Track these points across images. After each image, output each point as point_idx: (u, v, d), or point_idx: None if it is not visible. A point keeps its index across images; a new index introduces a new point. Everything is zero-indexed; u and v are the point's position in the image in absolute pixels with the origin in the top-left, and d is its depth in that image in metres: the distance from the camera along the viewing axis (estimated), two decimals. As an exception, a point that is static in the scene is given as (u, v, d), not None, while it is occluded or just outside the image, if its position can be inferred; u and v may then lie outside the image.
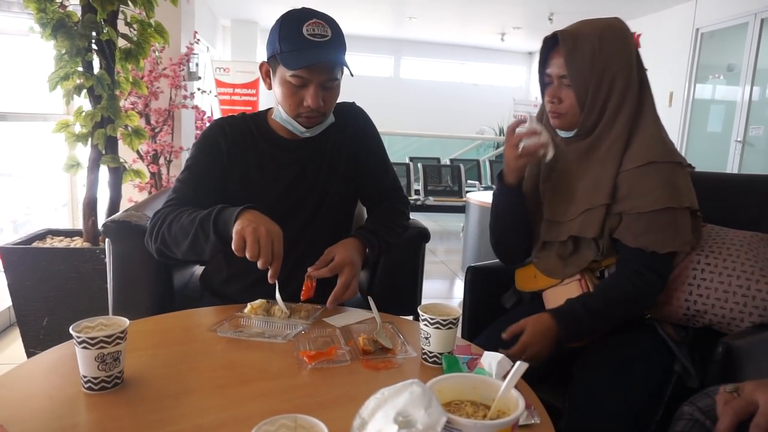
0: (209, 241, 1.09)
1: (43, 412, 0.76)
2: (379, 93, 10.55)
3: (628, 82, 1.14)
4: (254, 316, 1.10)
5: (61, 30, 2.08)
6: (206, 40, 7.16)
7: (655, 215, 1.11)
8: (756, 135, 5.36)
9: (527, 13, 8.03)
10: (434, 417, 0.53)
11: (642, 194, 1.12)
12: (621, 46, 1.14)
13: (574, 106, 1.16)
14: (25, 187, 3.27)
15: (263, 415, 0.58)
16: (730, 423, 0.73)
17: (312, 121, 1.25)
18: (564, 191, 1.23)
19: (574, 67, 1.12)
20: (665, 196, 1.11)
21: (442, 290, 3.85)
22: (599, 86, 1.13)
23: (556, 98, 1.17)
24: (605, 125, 1.16)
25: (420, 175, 5.70)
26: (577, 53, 1.12)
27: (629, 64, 1.14)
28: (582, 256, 1.21)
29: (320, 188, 1.35)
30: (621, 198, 1.15)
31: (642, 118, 1.17)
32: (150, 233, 1.20)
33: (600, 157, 1.17)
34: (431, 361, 0.94)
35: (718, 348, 1.03)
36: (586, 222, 1.17)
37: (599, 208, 1.15)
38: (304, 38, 1.15)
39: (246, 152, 1.32)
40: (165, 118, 3.31)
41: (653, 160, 1.12)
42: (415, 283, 1.62)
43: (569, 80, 1.14)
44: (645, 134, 1.15)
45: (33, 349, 2.19)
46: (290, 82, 1.19)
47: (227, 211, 1.09)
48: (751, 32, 5.34)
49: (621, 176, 1.14)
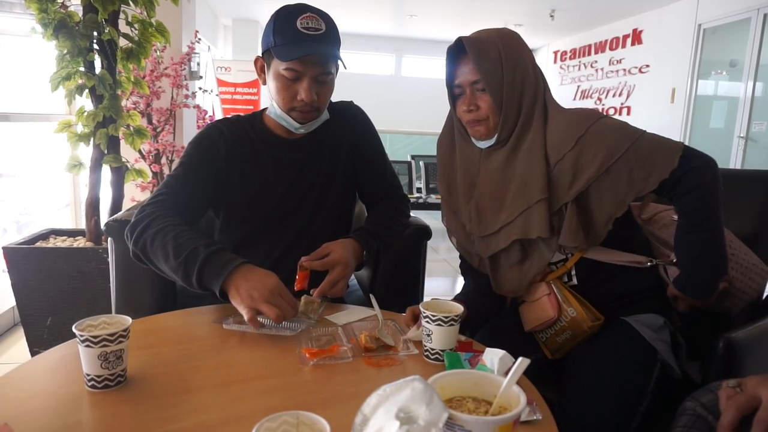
0: (190, 285, 1.06)
1: (47, 411, 0.76)
2: (381, 91, 10.55)
3: (535, 80, 1.16)
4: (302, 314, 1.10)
5: (63, 30, 2.08)
6: (207, 40, 7.16)
7: (628, 157, 1.08)
8: (759, 131, 5.34)
9: (528, 11, 8.01)
10: (436, 413, 0.53)
11: (591, 160, 1.09)
12: (521, 49, 1.16)
13: (492, 108, 1.14)
14: (28, 187, 3.28)
15: (265, 412, 0.58)
16: (733, 418, 0.73)
17: (305, 116, 1.25)
18: (488, 204, 1.20)
19: (484, 69, 1.12)
20: (616, 142, 1.09)
21: (444, 288, 3.85)
22: (512, 83, 1.13)
23: (473, 105, 1.15)
24: (524, 124, 1.15)
25: (422, 173, 5.68)
26: (484, 56, 1.12)
27: (532, 64, 1.16)
28: (535, 260, 1.18)
29: (320, 188, 1.34)
30: (569, 184, 1.11)
31: (549, 112, 1.17)
32: (131, 232, 1.14)
33: (523, 157, 1.15)
34: (433, 358, 0.95)
35: (719, 343, 1.03)
36: (528, 222, 1.13)
37: (538, 204, 1.12)
38: (297, 31, 1.16)
39: (244, 155, 1.31)
40: (167, 117, 3.31)
41: (579, 134, 1.10)
42: (417, 281, 1.62)
43: (482, 83, 1.13)
44: (557, 122, 1.14)
45: (37, 349, 2.20)
46: (284, 75, 1.19)
47: (213, 264, 1.04)
48: (753, 27, 5.32)
49: (557, 167, 1.12)
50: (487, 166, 1.21)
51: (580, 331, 1.14)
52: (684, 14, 6.25)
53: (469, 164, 1.24)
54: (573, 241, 1.11)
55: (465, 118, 1.18)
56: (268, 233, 1.33)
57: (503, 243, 1.18)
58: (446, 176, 1.30)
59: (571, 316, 1.14)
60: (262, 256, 1.32)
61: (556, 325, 1.16)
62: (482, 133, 1.18)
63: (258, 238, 1.33)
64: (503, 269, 1.23)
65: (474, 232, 1.23)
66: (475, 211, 1.22)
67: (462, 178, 1.25)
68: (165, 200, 1.20)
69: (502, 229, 1.17)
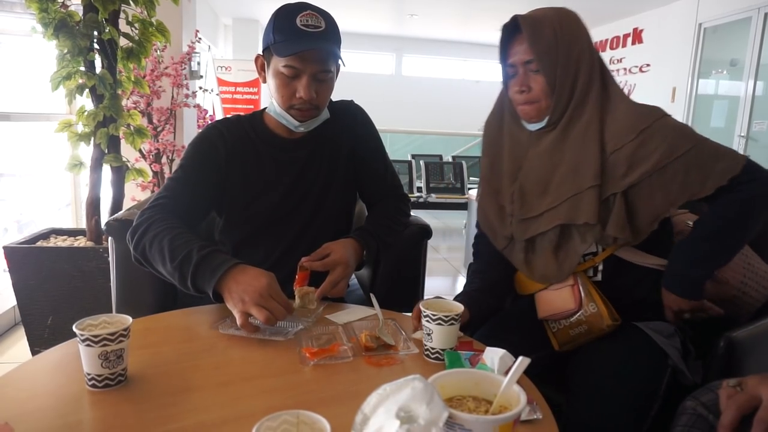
0: (187, 288, 1.07)
1: (48, 410, 0.76)
2: (381, 91, 10.54)
3: (590, 63, 1.13)
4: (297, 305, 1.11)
5: (63, 30, 2.08)
6: (208, 39, 7.15)
7: (688, 158, 1.06)
8: (759, 130, 5.33)
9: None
10: (436, 412, 0.53)
11: (650, 154, 1.06)
12: (578, 29, 1.13)
13: (545, 89, 1.12)
14: (28, 187, 3.28)
15: (266, 411, 0.58)
16: (734, 417, 0.73)
17: (305, 114, 1.24)
18: (533, 186, 1.18)
19: (539, 48, 1.10)
20: (678, 142, 1.06)
21: (444, 287, 3.85)
22: (567, 65, 1.11)
23: (525, 86, 1.14)
24: (576, 106, 1.13)
25: (422, 173, 5.69)
26: (540, 35, 1.10)
27: (589, 46, 1.14)
28: (572, 248, 1.15)
29: (320, 187, 1.34)
30: (622, 175, 1.09)
31: (611, 99, 1.14)
32: (131, 236, 1.15)
33: (576, 142, 1.13)
34: (433, 358, 0.95)
35: (720, 342, 1.03)
36: (575, 207, 1.11)
37: (589, 190, 1.09)
38: (297, 28, 1.16)
39: (245, 155, 1.31)
40: (167, 117, 3.31)
41: (643, 127, 1.08)
42: (418, 280, 1.62)
43: (536, 63, 1.11)
44: (622, 110, 1.12)
45: (38, 348, 2.21)
46: (283, 72, 1.19)
47: (206, 266, 1.04)
48: (754, 27, 5.31)
49: (613, 156, 1.09)
50: (535, 149, 1.18)
51: (597, 328, 1.13)
52: (684, 13, 6.25)
53: (517, 146, 1.22)
54: (621, 232, 1.08)
55: (516, 99, 1.17)
56: (269, 233, 1.33)
57: (544, 227, 1.15)
58: (490, 155, 1.28)
59: (592, 311, 1.12)
60: (262, 256, 1.32)
61: (573, 318, 1.15)
62: (532, 115, 1.16)
63: (258, 238, 1.33)
64: (538, 254, 1.20)
65: (515, 214, 1.21)
66: (519, 192, 1.20)
67: (508, 159, 1.23)
68: (165, 204, 1.20)
69: (545, 213, 1.15)
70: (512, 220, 1.22)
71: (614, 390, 1.06)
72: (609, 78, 1.16)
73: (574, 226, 1.13)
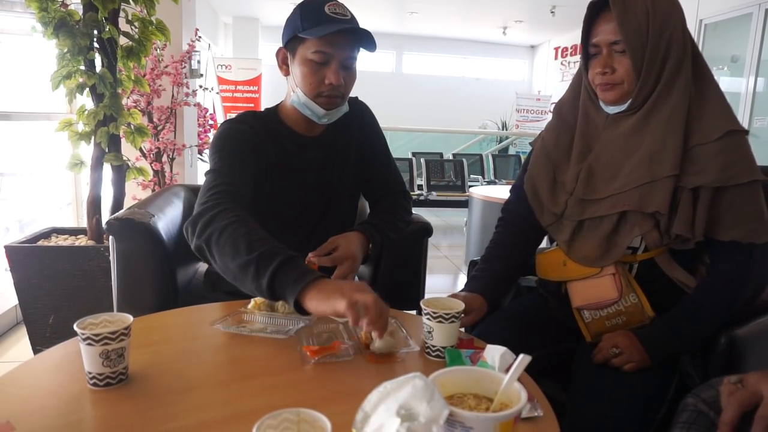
0: (259, 287, 0.93)
1: (49, 409, 0.77)
2: (382, 89, 10.53)
3: (683, 46, 1.06)
4: (257, 312, 1.10)
5: (63, 29, 2.08)
6: (208, 38, 7.15)
7: (741, 191, 1.01)
8: (761, 126, 5.32)
9: (529, 7, 7.99)
10: (436, 410, 0.53)
11: (726, 166, 1.01)
12: (672, 9, 1.06)
13: (630, 73, 1.05)
14: (29, 186, 3.28)
15: (267, 409, 0.58)
16: (734, 414, 0.73)
17: (332, 102, 1.24)
18: (603, 170, 1.13)
19: (627, 28, 1.02)
20: (749, 168, 1.01)
21: (445, 285, 3.85)
22: (656, 48, 1.03)
23: (608, 68, 1.07)
24: (661, 92, 1.06)
25: (423, 171, 5.69)
26: (629, 14, 1.02)
27: (682, 27, 1.07)
28: (623, 236, 1.10)
29: (334, 185, 1.37)
30: (696, 172, 1.03)
31: (704, 86, 1.07)
32: (193, 224, 1.04)
33: (657, 129, 1.06)
34: (434, 355, 0.95)
35: (721, 339, 1.03)
36: (646, 196, 1.04)
37: (666, 180, 1.03)
38: (327, 15, 1.18)
39: (271, 148, 1.28)
40: (167, 115, 3.31)
41: (732, 128, 1.02)
42: (418, 278, 1.62)
43: (623, 44, 1.04)
44: (713, 101, 1.06)
45: (39, 347, 2.21)
46: (312, 59, 1.20)
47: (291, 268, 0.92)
48: (755, 23, 5.30)
49: (696, 150, 1.03)
50: (611, 132, 1.13)
51: (636, 320, 1.10)
52: (685, 9, 6.18)
53: (591, 127, 1.17)
54: (686, 230, 1.03)
55: (597, 81, 1.10)
56: (287, 229, 1.32)
57: (604, 211, 1.10)
58: (557, 132, 1.23)
59: (632, 302, 1.10)
60: None
61: (612, 308, 1.12)
62: (613, 99, 1.10)
63: (278, 232, 1.33)
64: (586, 236, 1.15)
65: (577, 194, 1.15)
66: (586, 173, 1.14)
67: (579, 139, 1.18)
68: (225, 191, 1.09)
69: (610, 197, 1.10)
70: (570, 198, 1.17)
71: (620, 392, 1.05)
72: (702, 64, 1.09)
73: (634, 214, 1.07)
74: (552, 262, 1.22)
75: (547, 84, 10.42)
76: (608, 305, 1.12)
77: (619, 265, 1.12)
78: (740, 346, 1.01)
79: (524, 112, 9.14)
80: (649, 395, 1.05)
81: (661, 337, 1.07)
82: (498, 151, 7.83)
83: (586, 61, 1.13)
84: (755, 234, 1.03)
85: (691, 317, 1.07)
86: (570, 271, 1.17)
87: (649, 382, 1.06)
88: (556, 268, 1.21)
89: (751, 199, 1.03)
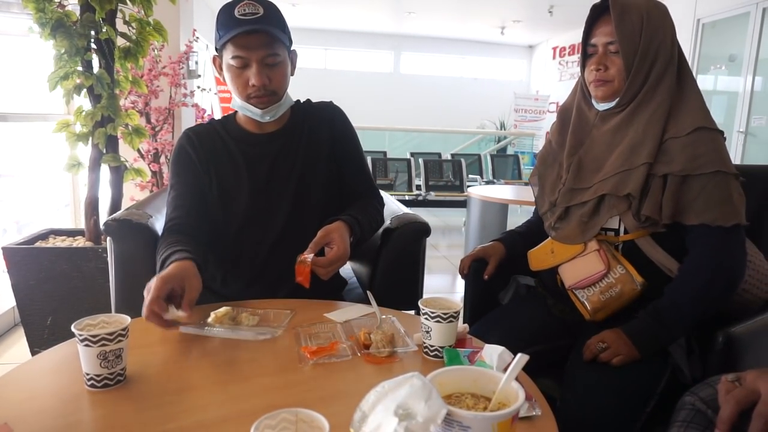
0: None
1: (47, 410, 0.77)
2: (380, 89, 10.54)
3: (670, 54, 1.17)
4: (217, 326, 1.05)
5: (60, 30, 2.08)
6: (205, 38, 7.14)
7: (711, 179, 1.09)
8: (758, 125, 5.33)
9: (527, 6, 8.00)
10: (434, 409, 0.53)
11: (693, 157, 1.10)
12: (664, 21, 1.18)
13: (621, 71, 1.16)
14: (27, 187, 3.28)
15: (265, 410, 0.58)
16: (732, 412, 0.73)
17: (263, 101, 1.25)
18: (591, 162, 1.23)
19: (623, 32, 1.14)
20: (717, 160, 1.10)
21: (444, 285, 3.85)
22: (646, 52, 1.15)
23: (602, 65, 1.18)
24: (647, 92, 1.17)
25: (421, 171, 5.69)
26: (626, 19, 1.14)
27: (672, 37, 1.18)
28: (601, 216, 1.19)
29: (297, 181, 1.35)
30: (667, 161, 1.12)
31: (685, 89, 1.18)
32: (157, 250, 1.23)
33: (639, 125, 1.17)
34: (432, 355, 0.95)
35: (719, 337, 1.03)
36: (622, 181, 1.15)
37: (640, 167, 1.13)
38: (235, 18, 1.19)
39: (217, 156, 1.34)
40: (165, 116, 3.31)
41: (703, 125, 1.12)
42: (417, 278, 1.62)
43: (617, 45, 1.15)
44: (690, 102, 1.16)
45: (37, 348, 2.20)
46: (232, 65, 1.22)
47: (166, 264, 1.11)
48: (752, 22, 5.31)
49: (669, 142, 1.13)
50: (599, 128, 1.24)
51: (629, 289, 1.13)
52: (683, 9, 6.24)
53: (582, 123, 1.27)
54: (655, 212, 1.11)
55: (591, 77, 1.21)
56: (251, 231, 1.34)
57: (587, 196, 1.20)
58: (560, 131, 1.34)
59: (621, 272, 1.15)
60: (251, 254, 1.33)
61: (603, 282, 1.16)
62: (603, 95, 1.20)
63: (242, 237, 1.34)
64: (571, 220, 1.24)
65: (568, 184, 1.25)
66: (577, 164, 1.25)
67: (572, 134, 1.28)
68: (173, 226, 1.27)
69: (594, 186, 1.20)
70: (562, 188, 1.26)
71: (610, 385, 1.06)
72: (687, 73, 1.20)
73: (611, 197, 1.16)
74: (541, 253, 1.32)
75: (545, 84, 10.43)
76: (599, 279, 1.17)
77: (602, 242, 1.19)
78: (738, 345, 1.02)
79: (522, 111, 9.15)
80: (636, 388, 1.06)
81: (645, 327, 1.11)
82: (496, 151, 7.84)
83: (584, 60, 1.24)
84: (724, 217, 1.09)
85: (671, 304, 1.11)
86: (558, 256, 1.26)
87: (636, 376, 1.07)
88: (546, 258, 1.30)
89: (720, 187, 1.10)
